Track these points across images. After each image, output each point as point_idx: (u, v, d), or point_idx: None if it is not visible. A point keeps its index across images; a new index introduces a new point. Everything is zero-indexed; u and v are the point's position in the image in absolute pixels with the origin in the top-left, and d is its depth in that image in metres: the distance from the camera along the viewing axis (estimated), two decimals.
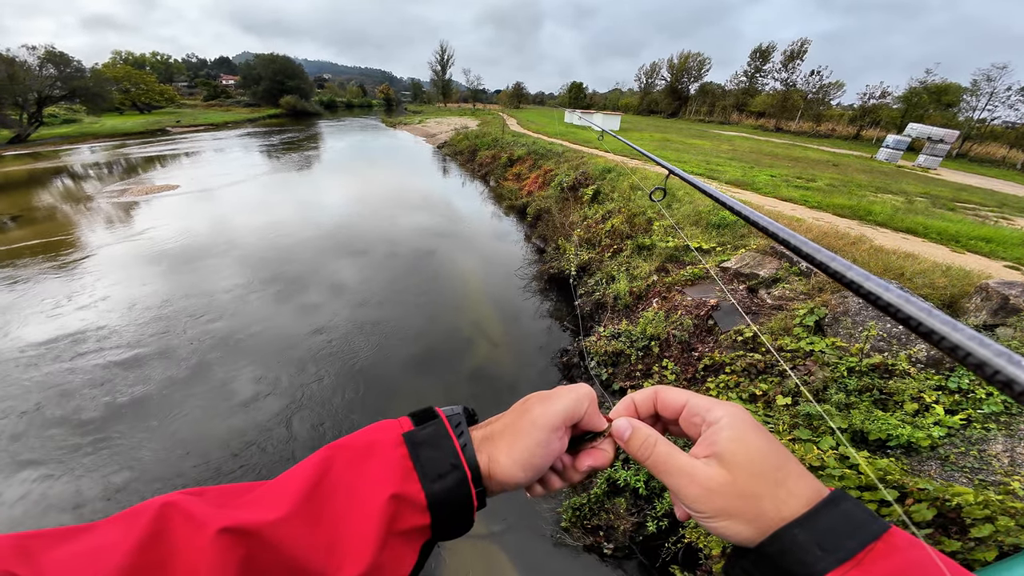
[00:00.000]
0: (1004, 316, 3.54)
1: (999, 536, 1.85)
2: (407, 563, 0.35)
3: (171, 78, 74.08)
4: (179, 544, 0.29)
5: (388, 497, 0.34)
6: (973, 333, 0.31)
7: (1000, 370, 0.29)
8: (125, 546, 0.28)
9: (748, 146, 19.56)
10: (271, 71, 60.29)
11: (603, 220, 7.99)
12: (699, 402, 0.41)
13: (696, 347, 4.36)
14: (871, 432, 2.78)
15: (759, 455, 0.36)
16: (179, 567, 0.28)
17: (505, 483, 0.40)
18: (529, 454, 0.40)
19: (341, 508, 0.34)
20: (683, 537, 2.89)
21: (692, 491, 0.37)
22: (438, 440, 0.38)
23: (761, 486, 0.35)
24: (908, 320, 0.36)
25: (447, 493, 0.36)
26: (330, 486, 0.35)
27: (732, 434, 0.37)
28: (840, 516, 0.33)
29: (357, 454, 0.37)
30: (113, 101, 39.48)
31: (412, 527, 0.35)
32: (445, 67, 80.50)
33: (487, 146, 19.40)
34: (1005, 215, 8.65)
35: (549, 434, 0.41)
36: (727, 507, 0.36)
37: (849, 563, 0.31)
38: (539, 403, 0.43)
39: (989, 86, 30.36)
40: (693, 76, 55.80)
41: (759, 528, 0.35)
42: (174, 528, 0.30)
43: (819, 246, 0.51)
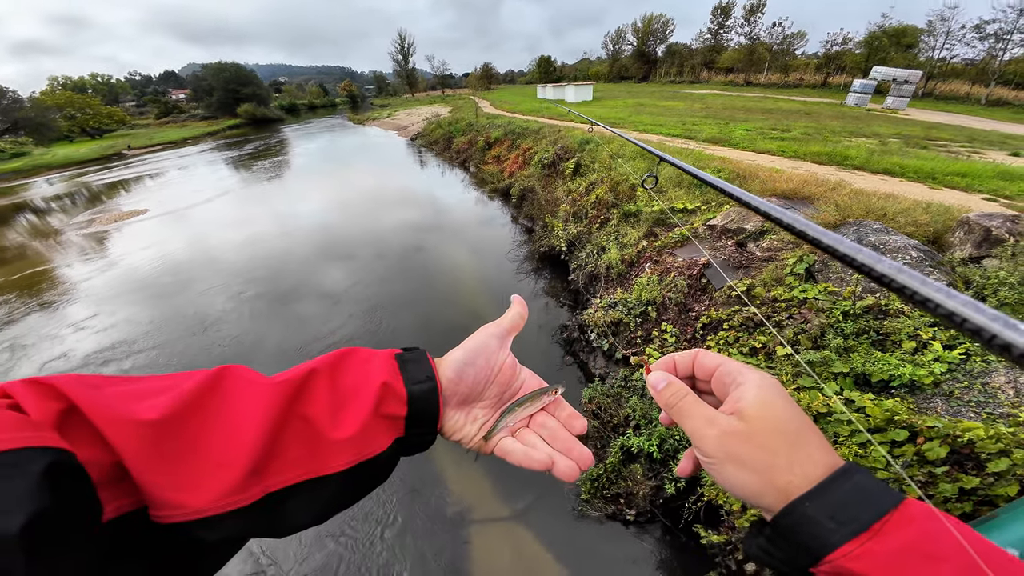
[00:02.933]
0: (988, 248, 3.61)
1: (1017, 470, 1.85)
2: (381, 444, 0.41)
3: (117, 99, 70.84)
4: (232, 386, 0.37)
5: (381, 383, 0.42)
6: (968, 299, 0.30)
7: (997, 334, 0.28)
8: (188, 385, 0.35)
9: (721, 102, 19.50)
10: (222, 80, 57.80)
11: (587, 192, 7.93)
12: (732, 365, 0.42)
13: (693, 307, 4.41)
14: (873, 374, 2.83)
15: (782, 415, 0.37)
16: (228, 407, 0.35)
17: (452, 373, 0.47)
18: (472, 346, 0.49)
19: (351, 385, 0.42)
20: (702, 496, 2.96)
21: (708, 432, 0.39)
22: (420, 360, 0.46)
23: (777, 442, 0.36)
24: (903, 290, 0.36)
25: (422, 394, 0.44)
26: (344, 368, 0.43)
27: (758, 394, 0.38)
28: (853, 488, 0.33)
29: (364, 357, 0.45)
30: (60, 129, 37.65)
31: (393, 413, 0.42)
32: (407, 56, 77.91)
33: (462, 132, 18.99)
34: (976, 149, 8.81)
35: (489, 336, 0.50)
36: (739, 453, 0.37)
37: (864, 535, 0.31)
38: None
39: (944, 26, 31.13)
40: (659, 38, 55.09)
41: (766, 482, 0.35)
42: (231, 378, 0.38)
43: (811, 222, 0.50)
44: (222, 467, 0.33)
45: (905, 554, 0.29)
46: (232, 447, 0.33)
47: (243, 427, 0.35)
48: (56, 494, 0.25)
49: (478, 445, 0.49)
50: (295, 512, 0.37)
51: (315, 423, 0.38)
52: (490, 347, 0.50)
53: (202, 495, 0.31)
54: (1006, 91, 23.75)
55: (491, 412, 0.50)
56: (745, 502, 0.38)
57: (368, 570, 3.24)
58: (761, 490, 0.36)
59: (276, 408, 0.36)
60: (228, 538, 0.35)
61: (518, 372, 0.53)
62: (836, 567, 0.31)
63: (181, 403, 0.33)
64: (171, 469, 0.31)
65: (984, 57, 28.41)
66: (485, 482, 3.88)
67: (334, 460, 0.38)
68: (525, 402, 0.50)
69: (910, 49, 32.93)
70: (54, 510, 0.24)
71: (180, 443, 0.32)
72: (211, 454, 0.33)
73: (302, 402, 0.39)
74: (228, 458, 0.33)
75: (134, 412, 0.31)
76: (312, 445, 0.38)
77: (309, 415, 0.38)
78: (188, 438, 0.32)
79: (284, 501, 0.36)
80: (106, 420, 0.30)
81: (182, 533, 0.32)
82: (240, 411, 0.35)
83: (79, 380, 0.32)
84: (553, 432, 0.49)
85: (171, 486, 0.31)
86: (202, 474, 0.32)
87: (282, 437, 0.36)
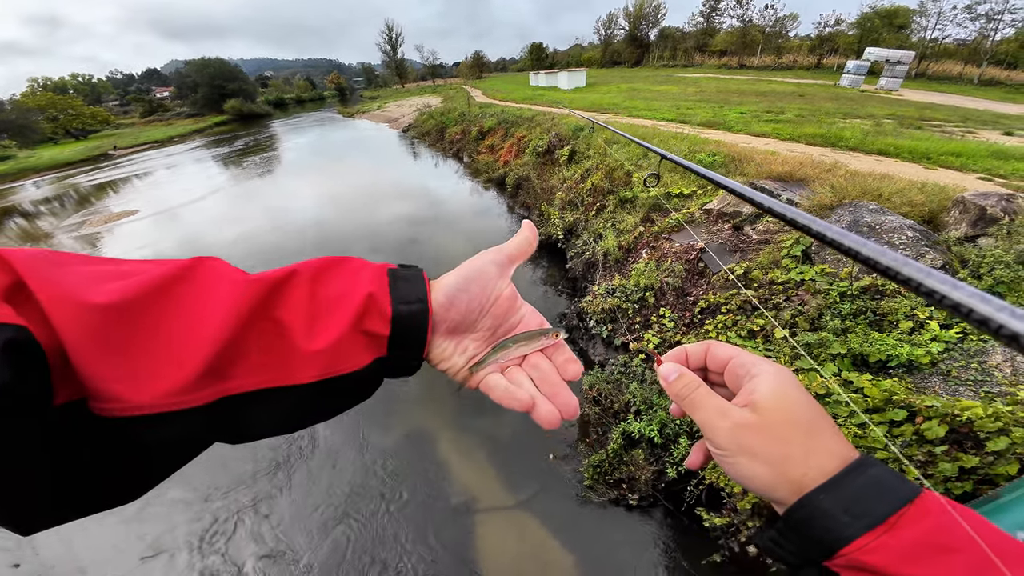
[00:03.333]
0: (983, 226, 3.62)
1: (1017, 449, 1.86)
2: (358, 361, 0.38)
3: (99, 99, 69.47)
4: (208, 278, 0.35)
5: (365, 295, 0.38)
6: (974, 291, 0.30)
7: (1004, 324, 0.27)
8: (154, 272, 0.32)
9: (715, 86, 19.33)
10: (207, 76, 56.80)
11: (582, 179, 7.88)
12: (746, 357, 0.42)
13: (690, 292, 4.41)
14: (871, 354, 2.85)
15: (797, 407, 0.37)
16: (200, 293, 0.33)
17: (443, 298, 0.42)
18: (467, 271, 0.44)
19: (333, 295, 0.39)
20: (703, 479, 3.00)
21: (721, 425, 0.38)
22: (414, 280, 0.42)
23: (792, 434, 0.36)
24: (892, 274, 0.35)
25: (409, 316, 0.40)
26: (330, 276, 0.40)
27: (773, 386, 0.38)
28: (868, 481, 0.33)
29: (354, 267, 0.42)
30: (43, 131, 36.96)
31: (374, 331, 0.38)
32: (396, 47, 76.47)
33: (455, 122, 18.74)
34: (970, 129, 8.79)
35: (487, 262, 0.45)
36: (752, 445, 0.36)
37: (879, 528, 0.30)
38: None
39: (935, 6, 30.96)
40: (651, 22, 54.31)
41: (779, 474, 0.35)
42: (204, 270, 0.35)
43: (811, 216, 0.49)
44: (172, 363, 0.30)
45: (920, 547, 0.29)
46: (187, 343, 0.31)
47: (204, 323, 0.31)
48: (13, 370, 0.23)
49: (464, 377, 0.46)
50: (255, 421, 0.35)
51: (287, 329, 0.35)
52: (487, 274, 0.45)
53: (144, 390, 0.29)
54: (998, 71, 23.69)
55: (483, 345, 0.47)
56: (757, 495, 0.37)
57: (376, 560, 3.27)
58: (774, 483, 0.35)
59: (246, 306, 0.33)
60: (178, 439, 0.32)
61: (518, 306, 0.48)
62: (850, 560, 0.31)
63: (140, 290, 0.30)
64: (116, 360, 0.28)
65: (976, 37, 28.34)
66: (489, 472, 3.91)
67: (303, 371, 0.35)
68: (521, 340, 0.46)
69: (902, 30, 32.83)
70: (11, 387, 0.23)
71: (128, 332, 0.29)
72: (161, 348, 0.30)
73: (276, 304, 0.36)
74: (181, 355, 0.30)
75: (85, 294, 0.28)
76: (281, 352, 0.35)
77: (282, 319, 0.35)
78: (139, 328, 0.30)
79: (243, 407, 0.33)
80: (52, 300, 0.27)
81: (125, 428, 0.29)
82: (204, 305, 0.32)
83: (36, 256, 0.30)
84: (545, 375, 0.46)
85: (113, 377, 0.28)
86: (147, 368, 0.29)
87: (248, 338, 0.33)
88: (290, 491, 3.88)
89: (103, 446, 0.30)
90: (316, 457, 4.19)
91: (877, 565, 0.30)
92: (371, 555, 3.31)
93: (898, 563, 0.29)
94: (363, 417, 4.60)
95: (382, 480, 3.90)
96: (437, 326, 0.43)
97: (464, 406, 4.67)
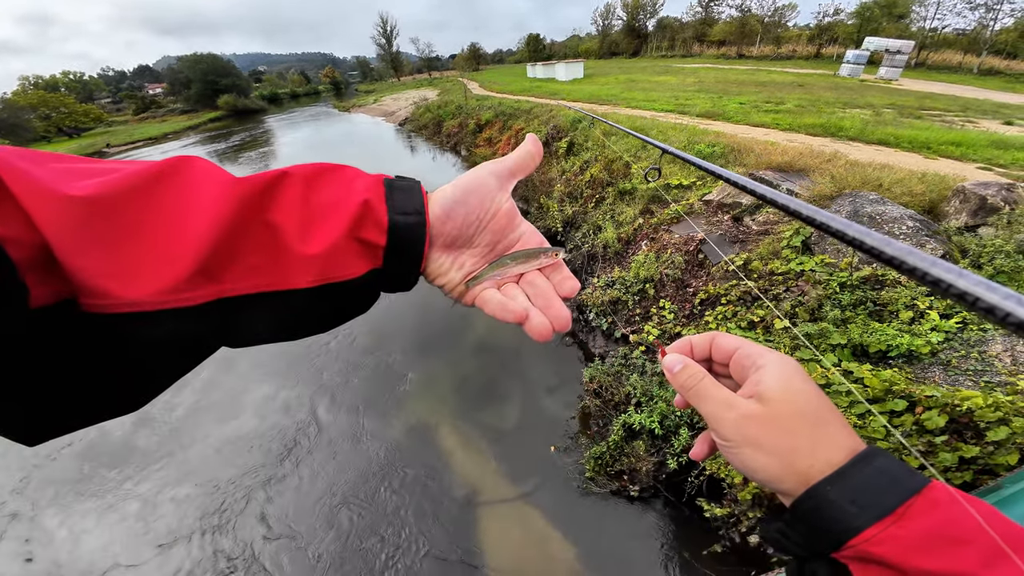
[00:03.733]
0: (984, 216, 3.61)
1: (1017, 439, 1.86)
2: (354, 269, 0.37)
3: (91, 96, 68.80)
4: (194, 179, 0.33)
5: (361, 201, 0.37)
6: (980, 279, 0.29)
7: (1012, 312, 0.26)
8: (137, 167, 0.31)
9: (714, 76, 19.17)
10: (200, 72, 56.16)
11: (581, 171, 7.84)
12: (752, 348, 0.41)
13: (690, 283, 4.41)
14: (871, 345, 2.85)
15: (803, 398, 0.36)
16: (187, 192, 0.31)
17: (439, 210, 0.41)
18: (466, 183, 0.42)
19: (327, 200, 0.37)
20: (704, 470, 3.01)
21: (727, 416, 0.38)
22: (411, 191, 0.40)
23: (799, 425, 0.35)
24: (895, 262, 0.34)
25: (406, 228, 0.39)
26: (324, 182, 0.38)
27: (779, 377, 0.37)
28: (875, 472, 0.32)
29: (348, 175, 0.40)
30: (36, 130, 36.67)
31: (370, 240, 0.37)
32: (391, 40, 75.63)
33: (452, 115, 18.58)
34: (970, 118, 8.75)
35: (487, 175, 0.43)
36: (758, 436, 0.36)
37: (887, 519, 0.30)
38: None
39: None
40: (649, 12, 53.74)
41: (786, 466, 0.34)
42: (189, 168, 0.33)
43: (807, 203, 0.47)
44: (164, 259, 0.29)
45: (929, 538, 0.29)
46: (178, 239, 0.30)
47: (194, 220, 0.30)
48: None
49: (460, 292, 0.45)
50: (253, 323, 0.34)
51: (280, 232, 0.34)
52: (486, 186, 0.43)
53: (138, 286, 0.28)
54: (998, 60, 23.53)
55: (481, 262, 0.46)
56: (763, 486, 0.37)
57: (380, 555, 3.29)
58: (781, 474, 0.35)
59: (236, 206, 0.32)
60: (175, 339, 0.31)
61: (517, 223, 0.47)
62: (858, 552, 0.31)
63: (123, 184, 0.29)
64: (102, 254, 0.27)
65: (975, 27, 28.16)
66: (491, 465, 3.93)
67: (299, 276, 0.34)
68: (519, 257, 0.45)
69: (901, 19, 32.63)
70: None
71: (115, 225, 0.28)
72: (152, 243, 0.29)
73: (268, 207, 0.34)
74: (173, 251, 0.29)
75: (64, 188, 0.27)
76: (275, 255, 0.34)
77: (275, 222, 0.34)
78: (126, 222, 0.28)
79: (240, 310, 0.33)
80: (30, 194, 0.26)
81: (118, 327, 0.28)
82: (193, 203, 0.31)
83: (14, 151, 0.28)
84: (540, 291, 0.45)
85: (102, 273, 0.27)
86: (139, 263, 0.28)
87: (241, 240, 0.32)
88: (295, 483, 3.89)
89: (98, 346, 0.29)
90: (319, 449, 4.20)
91: (885, 556, 0.29)
92: (374, 550, 3.34)
93: (907, 554, 0.29)
94: (365, 408, 4.61)
95: (384, 473, 3.91)
96: (434, 240, 0.42)
97: (466, 398, 4.68)
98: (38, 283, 0.26)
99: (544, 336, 0.42)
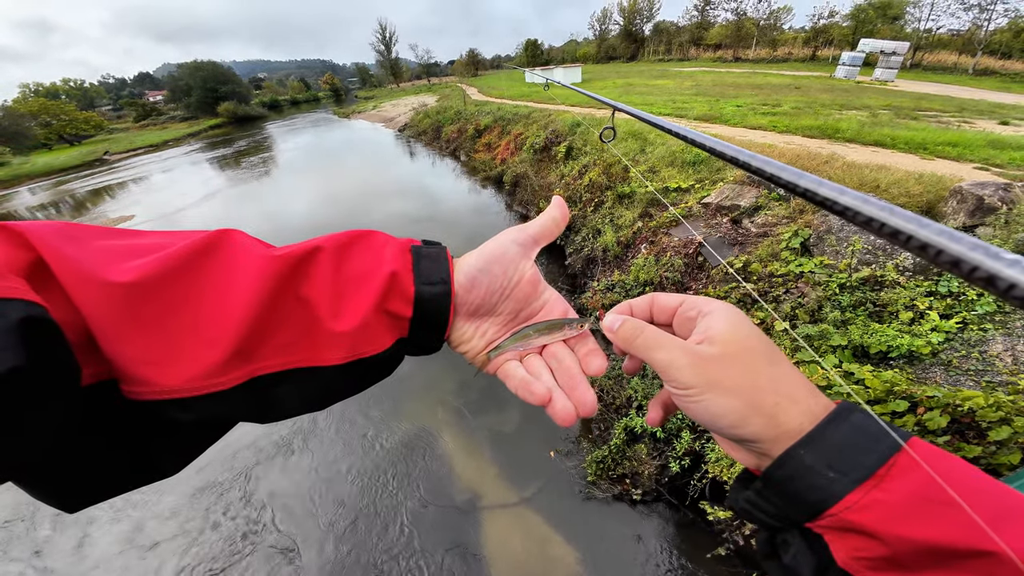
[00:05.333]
0: (981, 216, 3.62)
1: (1019, 438, 1.85)
2: (381, 343, 0.38)
3: (92, 103, 69.36)
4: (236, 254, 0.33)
5: (388, 274, 0.38)
6: (975, 241, 0.25)
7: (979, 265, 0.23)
8: (177, 247, 0.31)
9: (710, 79, 19.27)
10: (200, 79, 56.75)
11: (580, 175, 7.87)
12: (695, 299, 0.40)
13: (690, 285, 4.42)
14: (871, 345, 2.85)
15: (753, 338, 0.35)
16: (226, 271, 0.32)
17: (464, 279, 0.42)
18: (490, 250, 0.43)
19: (357, 272, 0.38)
20: (706, 473, 3.00)
21: (683, 360, 0.35)
22: (437, 259, 0.41)
23: (756, 361, 0.34)
24: (896, 235, 0.29)
25: (432, 297, 0.39)
26: (353, 251, 0.39)
27: (726, 320, 0.36)
28: (851, 430, 0.29)
29: (378, 243, 0.41)
30: (37, 137, 36.96)
31: (397, 312, 0.38)
32: (390, 46, 76.15)
33: (451, 120, 18.68)
34: (966, 119, 8.77)
35: (510, 242, 0.43)
36: (719, 377, 0.33)
37: (868, 483, 0.27)
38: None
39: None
40: (645, 17, 54.21)
41: (750, 404, 0.32)
42: (228, 244, 0.33)
43: (775, 160, 0.42)
44: (202, 344, 0.29)
45: (916, 501, 0.26)
46: (217, 322, 0.30)
47: (233, 301, 0.31)
48: (32, 351, 0.22)
49: (482, 362, 0.45)
50: (284, 400, 0.35)
51: (313, 307, 0.35)
52: (509, 254, 0.43)
53: (176, 373, 0.28)
54: (992, 60, 23.65)
55: (503, 330, 0.45)
56: (730, 434, 0.34)
57: (381, 558, 3.28)
58: (746, 414, 0.32)
59: (272, 283, 0.32)
60: (207, 420, 0.32)
61: (541, 290, 0.46)
62: (838, 521, 0.28)
63: (163, 267, 0.29)
64: (142, 341, 0.27)
65: (970, 27, 28.31)
66: (492, 470, 3.91)
67: (330, 353, 0.35)
68: (543, 329, 0.44)
69: (896, 21, 32.87)
70: (30, 368, 0.22)
71: (155, 312, 0.28)
72: (192, 327, 0.29)
73: (301, 281, 0.35)
74: (211, 334, 0.29)
75: (107, 272, 0.27)
76: (308, 332, 0.34)
77: (308, 297, 0.34)
78: (166, 307, 0.28)
79: (272, 387, 0.33)
80: (73, 278, 0.26)
81: (155, 411, 0.29)
82: (232, 283, 0.31)
83: (57, 230, 0.29)
84: (565, 367, 0.44)
85: (141, 359, 0.27)
86: (178, 350, 0.28)
87: (275, 317, 0.33)
88: (292, 481, 3.88)
89: (136, 425, 0.30)
90: (318, 449, 4.19)
91: (867, 524, 0.27)
92: (373, 554, 3.32)
93: (891, 521, 0.26)
94: (367, 409, 4.60)
95: (383, 477, 3.90)
96: (458, 309, 0.42)
97: (467, 402, 4.67)
98: (84, 364, 0.26)
99: (568, 422, 0.41)
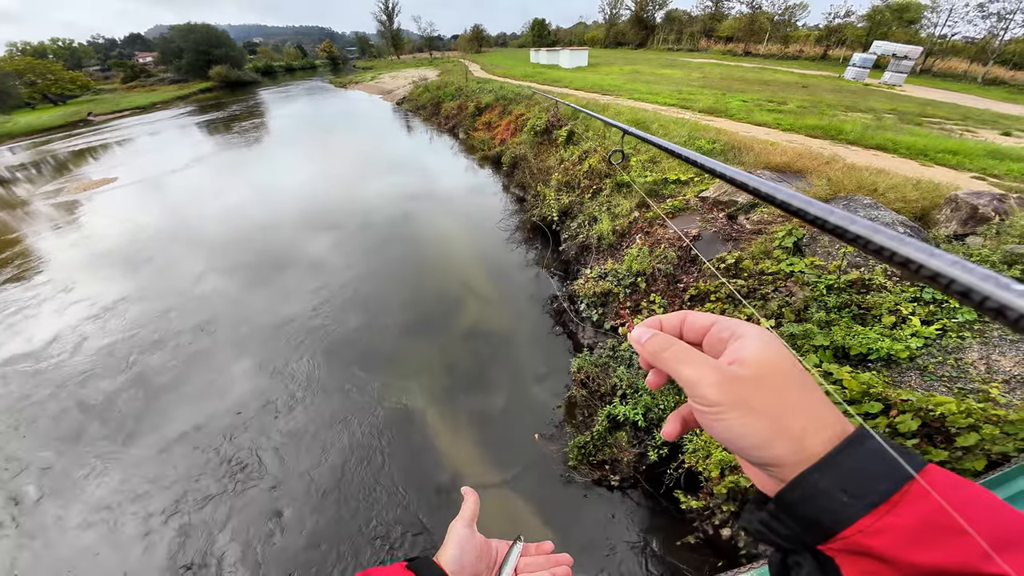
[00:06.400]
0: (973, 225, 3.64)
1: (985, 445, 1.88)
2: None
3: (80, 64, 66.39)
4: None
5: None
6: (954, 258, 0.27)
7: (990, 295, 0.25)
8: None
9: (719, 72, 18.98)
10: (192, 42, 54.49)
11: (580, 161, 7.76)
12: (728, 321, 0.39)
13: (681, 279, 4.42)
14: (852, 347, 2.88)
15: (787, 362, 0.34)
16: None
17: (455, 566, 0.56)
18: (456, 540, 0.60)
19: None
20: (683, 463, 3.06)
21: (712, 378, 0.34)
22: (431, 569, 0.53)
23: (786, 384, 0.33)
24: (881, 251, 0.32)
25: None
26: None
27: (760, 344, 0.35)
28: (867, 455, 0.29)
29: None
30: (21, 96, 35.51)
31: None
32: (392, 16, 73.41)
33: (451, 96, 18.28)
34: (969, 128, 8.76)
35: (463, 528, 0.62)
36: (748, 398, 0.33)
37: (882, 508, 0.27)
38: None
39: (948, 2, 30.45)
40: (658, 4, 52.80)
41: (778, 427, 0.32)
42: None
43: (795, 193, 0.45)
44: None
45: (927, 528, 0.26)
46: None
47: None
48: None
49: None
50: None
51: None
52: (464, 535, 0.60)
53: None
54: (1003, 71, 23.52)
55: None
56: (753, 456, 0.33)
57: (359, 534, 3.32)
58: (770, 437, 0.32)
59: None
60: None
61: (490, 543, 0.64)
62: (850, 544, 0.28)
63: None
64: None
65: (985, 36, 28.02)
66: (475, 451, 3.95)
67: None
68: (505, 564, 0.60)
69: (912, 24, 32.45)
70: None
71: None
72: None
73: None
74: None
75: None
76: None
77: None
78: None
79: None
80: None
81: None
82: None
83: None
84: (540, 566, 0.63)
85: None
86: None
87: None
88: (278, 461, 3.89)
89: None
90: (304, 430, 4.19)
91: (878, 549, 0.27)
92: (353, 530, 3.36)
93: (902, 547, 0.27)
94: (350, 388, 4.60)
95: (366, 454, 3.92)
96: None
97: (452, 382, 4.68)
98: None
99: None
